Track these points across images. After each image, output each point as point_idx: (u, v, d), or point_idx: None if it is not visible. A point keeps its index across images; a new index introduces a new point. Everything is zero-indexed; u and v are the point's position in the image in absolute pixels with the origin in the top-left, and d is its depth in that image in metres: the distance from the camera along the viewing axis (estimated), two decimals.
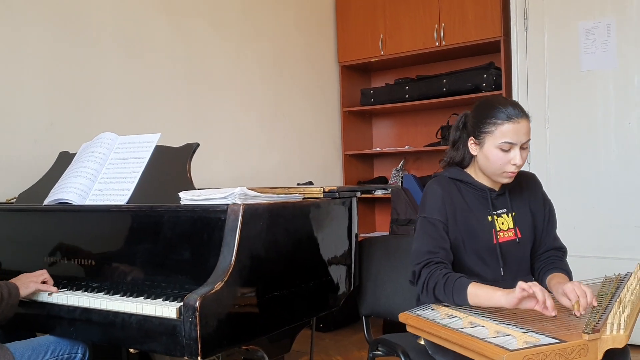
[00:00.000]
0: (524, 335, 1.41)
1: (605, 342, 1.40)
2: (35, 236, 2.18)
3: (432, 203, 1.86)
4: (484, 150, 1.81)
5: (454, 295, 1.68)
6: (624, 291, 1.66)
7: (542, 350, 1.34)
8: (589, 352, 1.38)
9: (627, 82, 3.40)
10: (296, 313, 1.94)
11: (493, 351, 1.35)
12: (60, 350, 1.87)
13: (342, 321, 4.06)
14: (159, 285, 1.82)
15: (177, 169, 2.12)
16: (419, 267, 1.78)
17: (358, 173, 4.92)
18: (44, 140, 2.77)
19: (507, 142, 1.76)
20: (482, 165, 1.85)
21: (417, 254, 1.82)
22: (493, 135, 1.77)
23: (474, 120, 1.84)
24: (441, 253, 1.79)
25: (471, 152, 1.87)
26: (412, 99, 4.44)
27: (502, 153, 1.77)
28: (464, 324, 1.55)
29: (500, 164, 1.79)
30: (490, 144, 1.78)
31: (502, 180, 1.84)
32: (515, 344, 1.37)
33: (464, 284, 1.67)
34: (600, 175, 3.48)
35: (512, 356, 1.32)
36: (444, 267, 1.76)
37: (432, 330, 1.58)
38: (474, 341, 1.42)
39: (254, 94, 3.99)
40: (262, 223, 1.77)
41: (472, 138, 1.85)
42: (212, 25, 3.70)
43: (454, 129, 1.97)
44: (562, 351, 1.35)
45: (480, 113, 1.83)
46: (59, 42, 2.86)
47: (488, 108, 1.80)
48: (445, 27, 4.21)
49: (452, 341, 1.51)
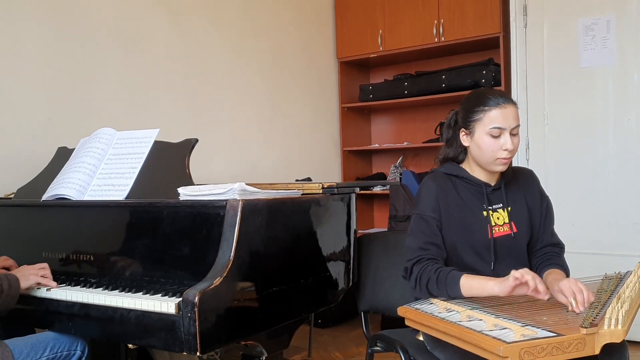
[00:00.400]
0: (521, 328, 1.41)
1: (603, 337, 1.40)
2: (34, 232, 2.17)
3: (426, 200, 1.88)
4: (475, 139, 1.83)
5: (447, 289, 1.70)
6: (623, 288, 1.66)
7: (540, 343, 1.34)
8: (587, 346, 1.39)
9: (627, 79, 3.40)
10: (295, 309, 1.94)
11: (490, 343, 1.36)
12: (60, 347, 1.86)
13: (340, 317, 4.06)
14: (157, 280, 1.82)
15: (175, 165, 2.12)
16: (411, 264, 1.81)
17: (357, 169, 4.92)
18: (43, 135, 2.76)
19: (496, 127, 1.79)
20: (475, 156, 1.87)
21: (409, 250, 1.85)
22: (482, 122, 1.81)
23: (463, 112, 1.88)
24: (432, 250, 1.81)
25: (463, 143, 1.90)
26: (411, 95, 4.44)
27: (493, 139, 1.80)
28: (462, 317, 1.55)
29: (492, 151, 1.81)
30: (480, 131, 1.81)
31: (496, 168, 1.86)
32: (512, 337, 1.37)
33: (456, 276, 1.70)
34: (598, 172, 3.48)
35: (509, 348, 1.32)
36: (435, 263, 1.78)
37: (430, 323, 1.58)
38: (471, 334, 1.43)
39: (252, 90, 3.98)
40: (261, 219, 1.77)
41: (463, 129, 1.88)
42: (211, 21, 3.69)
43: (446, 127, 2.00)
44: (559, 344, 1.36)
45: (468, 104, 1.87)
46: (57, 37, 2.85)
47: (475, 97, 1.86)
48: (445, 23, 4.20)
49: (450, 334, 1.51)
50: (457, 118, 1.93)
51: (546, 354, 1.34)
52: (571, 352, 1.37)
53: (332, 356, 3.44)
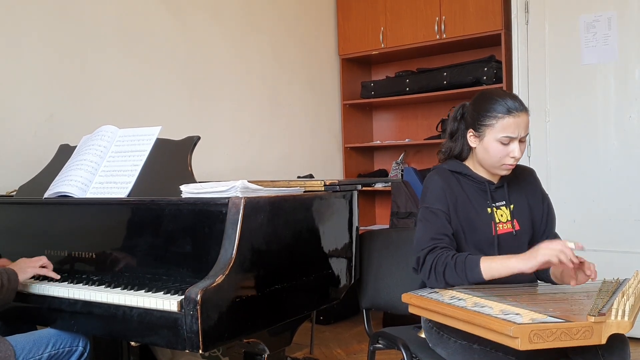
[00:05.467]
0: (530, 312, 1.42)
1: (610, 327, 1.41)
2: (36, 229, 2.18)
3: (434, 193, 1.86)
4: (483, 143, 1.82)
5: (467, 273, 1.67)
6: (625, 287, 1.67)
7: (549, 327, 1.35)
8: (594, 334, 1.39)
9: (628, 76, 3.39)
10: (297, 306, 1.94)
11: (501, 324, 1.36)
12: (61, 344, 1.87)
13: (342, 314, 4.07)
14: (160, 278, 1.82)
15: (178, 162, 2.12)
16: (424, 253, 1.77)
17: (358, 166, 4.92)
18: (44, 133, 2.76)
19: (507, 137, 1.78)
20: (480, 158, 1.87)
21: (419, 241, 1.82)
22: (493, 128, 1.79)
23: (474, 113, 1.85)
24: (445, 239, 1.79)
25: (470, 144, 1.89)
26: (412, 92, 4.43)
27: (502, 146, 1.79)
28: (468, 304, 1.54)
29: (499, 157, 1.81)
30: (491, 137, 1.80)
31: (500, 172, 1.87)
32: (522, 320, 1.38)
33: (475, 260, 1.68)
34: (600, 168, 3.48)
35: (519, 329, 1.32)
36: (449, 250, 1.76)
37: (437, 308, 1.57)
38: (480, 316, 1.43)
39: (254, 87, 3.98)
40: (263, 216, 1.77)
41: (472, 130, 1.86)
42: (213, 17, 3.69)
43: (452, 120, 1.98)
44: (568, 330, 1.36)
45: (480, 106, 1.84)
46: (59, 34, 2.85)
47: (488, 101, 1.82)
48: (446, 19, 4.20)
49: (457, 317, 1.50)
50: (465, 114, 1.92)
51: (554, 338, 1.34)
52: (579, 339, 1.37)
53: (334, 353, 3.44)
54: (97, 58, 3.01)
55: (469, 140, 1.89)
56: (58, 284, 1.92)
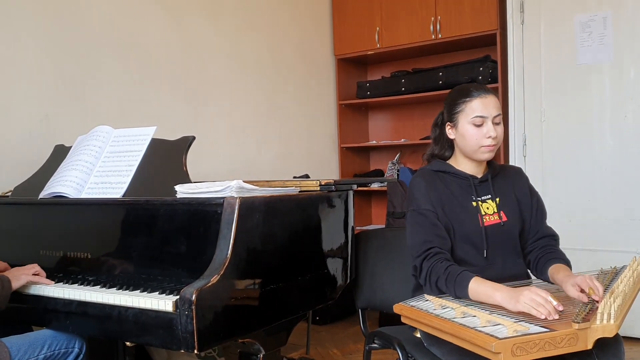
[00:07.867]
0: (514, 324, 1.42)
1: (595, 332, 1.41)
2: (31, 230, 2.17)
3: (419, 195, 1.90)
4: (459, 130, 1.90)
5: (455, 289, 1.71)
6: (617, 282, 1.67)
7: (532, 338, 1.35)
8: (579, 341, 1.39)
9: (623, 76, 3.40)
10: (293, 306, 1.94)
11: (483, 340, 1.37)
12: (57, 345, 1.87)
13: (338, 314, 4.07)
14: (155, 278, 1.82)
15: (173, 162, 2.12)
16: (419, 261, 1.81)
17: (354, 166, 4.92)
18: (39, 133, 2.76)
19: (478, 117, 1.86)
20: (461, 147, 1.93)
21: (413, 247, 1.85)
22: (464, 112, 1.88)
23: (447, 107, 1.96)
24: (436, 241, 1.82)
25: (449, 136, 1.95)
26: (408, 92, 4.44)
27: (476, 128, 1.86)
28: (457, 314, 1.57)
29: (476, 139, 1.87)
30: (464, 121, 1.88)
31: (482, 157, 1.90)
32: (505, 333, 1.39)
33: (466, 279, 1.70)
34: (595, 168, 3.49)
35: (501, 344, 1.33)
36: (444, 259, 1.78)
37: (426, 320, 1.60)
38: (465, 330, 1.44)
39: (250, 87, 3.98)
40: (259, 216, 1.77)
41: (448, 123, 1.95)
42: (208, 18, 3.68)
43: (433, 126, 2.06)
44: (551, 340, 1.37)
45: (450, 99, 1.96)
46: (54, 34, 2.85)
47: (456, 92, 1.96)
48: (442, 20, 4.20)
49: (444, 331, 1.52)
50: (443, 116, 2.00)
51: (538, 349, 1.35)
52: (564, 347, 1.38)
53: (329, 353, 3.44)
54: (92, 58, 3.01)
55: (448, 135, 1.95)
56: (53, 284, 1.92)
